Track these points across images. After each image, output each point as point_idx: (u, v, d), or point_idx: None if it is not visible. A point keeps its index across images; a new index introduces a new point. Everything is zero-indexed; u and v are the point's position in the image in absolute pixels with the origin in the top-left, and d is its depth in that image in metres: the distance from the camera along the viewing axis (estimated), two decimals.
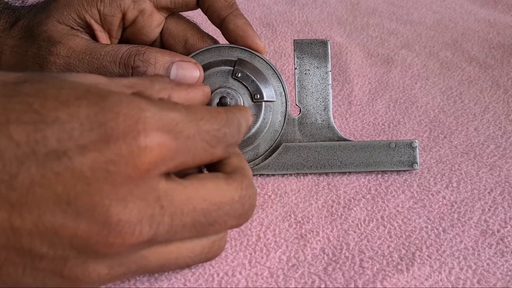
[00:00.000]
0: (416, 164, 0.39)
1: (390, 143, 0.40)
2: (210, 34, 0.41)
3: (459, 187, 0.39)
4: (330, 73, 0.41)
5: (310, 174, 0.40)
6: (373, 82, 0.54)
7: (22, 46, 0.38)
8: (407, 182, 0.39)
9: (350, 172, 0.40)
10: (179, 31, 0.41)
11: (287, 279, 0.30)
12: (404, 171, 0.40)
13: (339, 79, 0.55)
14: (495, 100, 0.51)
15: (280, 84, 0.40)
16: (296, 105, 0.40)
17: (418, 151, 0.40)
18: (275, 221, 0.35)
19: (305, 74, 0.41)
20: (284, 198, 0.37)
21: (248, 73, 0.39)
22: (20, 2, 0.44)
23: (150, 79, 0.29)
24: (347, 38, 0.64)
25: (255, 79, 0.39)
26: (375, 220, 0.35)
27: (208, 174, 0.27)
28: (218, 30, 0.40)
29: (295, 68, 0.41)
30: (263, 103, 0.39)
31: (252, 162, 0.39)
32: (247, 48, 0.39)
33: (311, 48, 0.41)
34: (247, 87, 0.39)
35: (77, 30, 0.38)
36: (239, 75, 0.39)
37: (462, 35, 0.65)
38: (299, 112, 0.40)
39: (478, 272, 0.31)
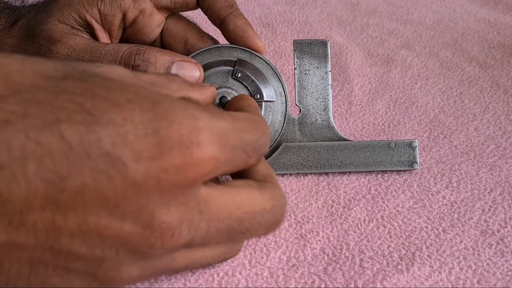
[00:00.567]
0: (416, 164, 0.39)
1: (390, 143, 0.40)
2: (210, 34, 0.41)
3: (459, 187, 0.39)
4: (330, 73, 0.41)
5: (310, 174, 0.40)
6: (373, 82, 0.54)
7: (22, 46, 0.38)
8: (407, 182, 0.39)
9: (350, 172, 0.40)
10: (179, 31, 0.41)
11: (287, 279, 0.30)
12: (404, 171, 0.40)
13: (339, 79, 0.55)
14: (495, 100, 0.51)
15: (280, 84, 0.40)
16: (296, 105, 0.40)
17: (418, 151, 0.40)
18: None
19: (305, 74, 0.41)
20: None
21: (248, 73, 0.39)
22: (20, 2, 0.44)
23: (168, 77, 0.28)
24: (347, 38, 0.64)
25: (255, 79, 0.39)
26: (375, 220, 0.35)
27: (241, 182, 0.27)
28: (218, 30, 0.40)
29: (295, 68, 0.40)
30: (263, 103, 0.39)
31: None
32: (247, 48, 0.39)
33: (311, 48, 0.41)
34: (247, 87, 0.39)
35: (77, 30, 0.38)
36: (239, 75, 0.39)
37: (462, 35, 0.65)
38: (299, 112, 0.40)
39: (478, 272, 0.31)
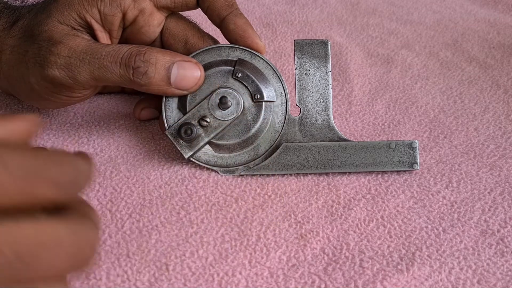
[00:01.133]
0: (416, 165, 0.39)
1: (390, 144, 0.40)
2: (210, 34, 0.41)
3: (459, 187, 0.39)
4: (330, 73, 0.41)
5: (310, 174, 0.40)
6: (373, 82, 0.54)
7: (22, 46, 0.38)
8: (407, 182, 0.39)
9: (350, 172, 0.40)
10: (179, 31, 0.41)
11: (287, 279, 0.30)
12: (404, 171, 0.40)
13: (339, 79, 0.55)
14: (495, 100, 0.51)
15: (280, 84, 0.40)
16: (296, 105, 0.40)
17: (418, 151, 0.40)
18: (275, 221, 0.35)
19: (305, 74, 0.41)
20: (284, 198, 0.37)
21: (248, 73, 0.39)
22: (20, 2, 0.44)
23: None
24: (347, 38, 0.64)
25: (255, 79, 0.39)
26: (375, 220, 0.35)
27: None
28: (218, 30, 0.40)
29: (295, 68, 0.41)
30: (263, 103, 0.39)
31: (252, 162, 0.39)
32: (247, 48, 0.39)
33: (312, 48, 0.41)
34: (247, 87, 0.39)
35: (77, 30, 0.38)
36: (240, 75, 0.39)
37: (462, 35, 0.65)
38: (299, 112, 0.40)
39: (478, 272, 0.31)
